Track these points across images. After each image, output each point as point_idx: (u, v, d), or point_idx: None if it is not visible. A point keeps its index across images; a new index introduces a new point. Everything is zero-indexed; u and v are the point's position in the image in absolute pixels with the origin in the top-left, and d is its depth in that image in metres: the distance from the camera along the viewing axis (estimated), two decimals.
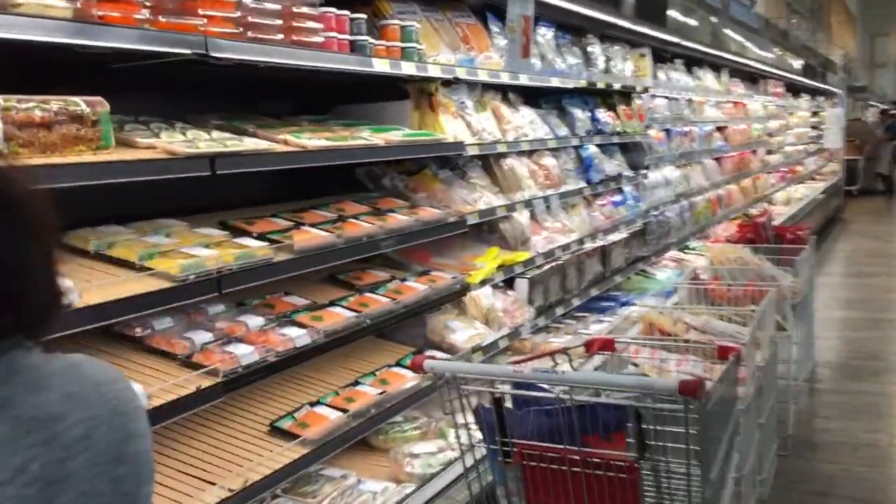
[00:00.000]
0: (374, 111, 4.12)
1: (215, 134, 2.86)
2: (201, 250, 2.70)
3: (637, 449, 2.50)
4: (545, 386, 2.58)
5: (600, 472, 2.57)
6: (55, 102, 2.27)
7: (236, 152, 2.67)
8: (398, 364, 3.71)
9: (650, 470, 2.62)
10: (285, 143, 3.09)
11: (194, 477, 2.78)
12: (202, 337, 2.87)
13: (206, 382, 2.62)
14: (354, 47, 3.34)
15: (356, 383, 3.48)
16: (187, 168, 2.51)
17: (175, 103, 3.45)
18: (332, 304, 3.42)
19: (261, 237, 3.08)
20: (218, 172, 2.60)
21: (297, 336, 3.01)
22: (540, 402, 2.62)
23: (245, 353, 2.78)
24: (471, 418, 2.72)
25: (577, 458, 2.57)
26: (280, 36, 2.91)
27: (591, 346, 3.51)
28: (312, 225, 3.31)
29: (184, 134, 2.77)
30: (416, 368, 2.62)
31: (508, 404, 2.71)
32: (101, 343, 2.78)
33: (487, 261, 4.35)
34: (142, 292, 2.40)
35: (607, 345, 3.53)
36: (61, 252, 1.32)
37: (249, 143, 2.78)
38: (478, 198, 4.30)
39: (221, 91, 3.75)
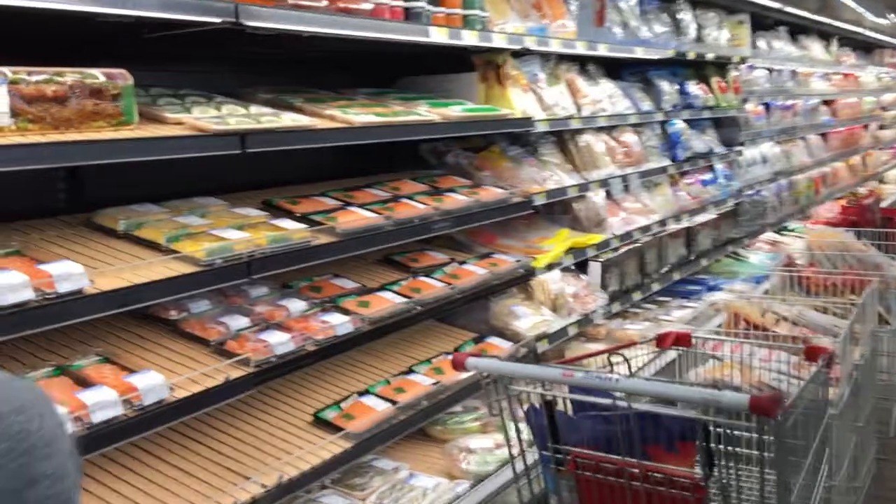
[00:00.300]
0: (439, 84, 3.89)
1: (254, 109, 2.70)
2: (233, 233, 2.54)
3: (705, 466, 2.22)
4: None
5: (662, 488, 2.30)
6: (70, 75, 2.13)
7: (269, 129, 2.49)
8: (456, 352, 3.50)
9: (719, 490, 2.34)
10: (332, 118, 2.90)
11: (229, 470, 2.64)
12: (238, 322, 2.73)
13: (236, 373, 2.47)
14: (409, 15, 3.11)
15: (409, 371, 3.29)
16: (214, 146, 2.35)
17: (238, 76, 3.31)
18: (382, 288, 3.23)
19: (303, 218, 2.91)
20: (249, 150, 2.42)
21: (339, 323, 2.83)
22: (596, 407, 2.36)
23: (280, 342, 2.62)
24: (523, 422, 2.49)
25: (636, 471, 2.31)
26: (325, 3, 2.71)
27: (663, 341, 3.21)
28: (362, 205, 3.12)
29: (218, 109, 2.61)
30: (458, 367, 2.40)
31: (562, 406, 2.47)
32: (134, 325, 2.67)
33: (556, 243, 4.09)
34: (161, 278, 2.26)
35: (682, 339, 3.22)
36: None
37: (286, 119, 2.60)
38: (548, 177, 4.03)
39: (287, 65, 3.60)
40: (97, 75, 2.20)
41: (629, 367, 2.57)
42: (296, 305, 2.93)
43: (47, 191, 2.83)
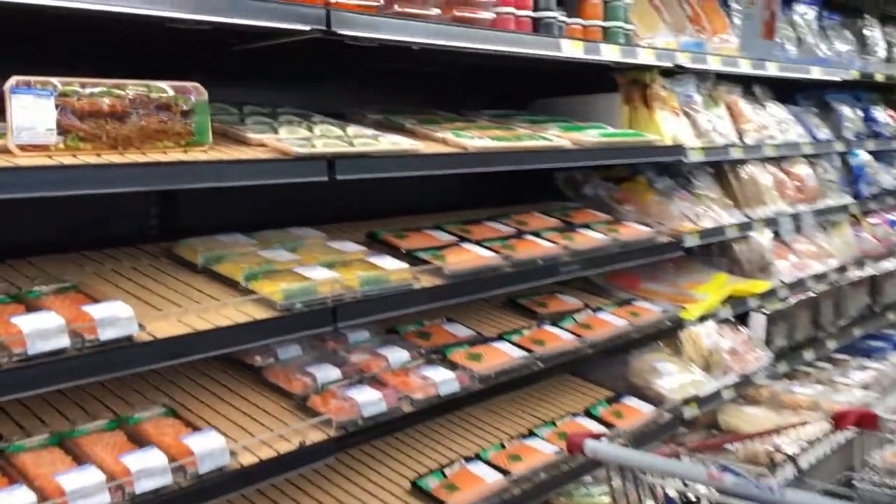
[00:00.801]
0: (577, 106, 3.46)
1: (352, 130, 2.37)
2: (320, 272, 2.21)
3: None
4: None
5: None
6: (132, 87, 1.87)
7: (361, 153, 2.15)
8: (587, 414, 3.02)
9: None
10: (443, 142, 2.54)
11: None
12: (328, 373, 2.39)
13: (315, 435, 2.12)
14: (538, 26, 2.71)
15: (529, 434, 2.84)
16: (297, 171, 2.03)
17: (356, 95, 3.02)
18: (499, 338, 2.81)
19: (408, 255, 2.54)
20: (338, 177, 2.09)
21: (442, 381, 2.43)
22: None
23: (370, 401, 2.25)
24: None
25: None
26: (436, 11, 2.35)
27: (841, 421, 2.61)
28: (479, 242, 2.73)
29: (310, 129, 2.30)
30: (574, 450, 1.95)
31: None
32: (214, 369, 2.39)
33: (711, 290, 3.53)
34: (228, 324, 1.95)
35: (866, 420, 2.60)
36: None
37: (385, 143, 2.25)
38: (702, 213, 3.50)
39: (415, 83, 3.29)
40: (165, 89, 1.93)
41: (797, 468, 2.03)
42: (397, 355, 2.56)
43: (140, 215, 2.62)
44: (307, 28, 2.03)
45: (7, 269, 2.14)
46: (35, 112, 1.72)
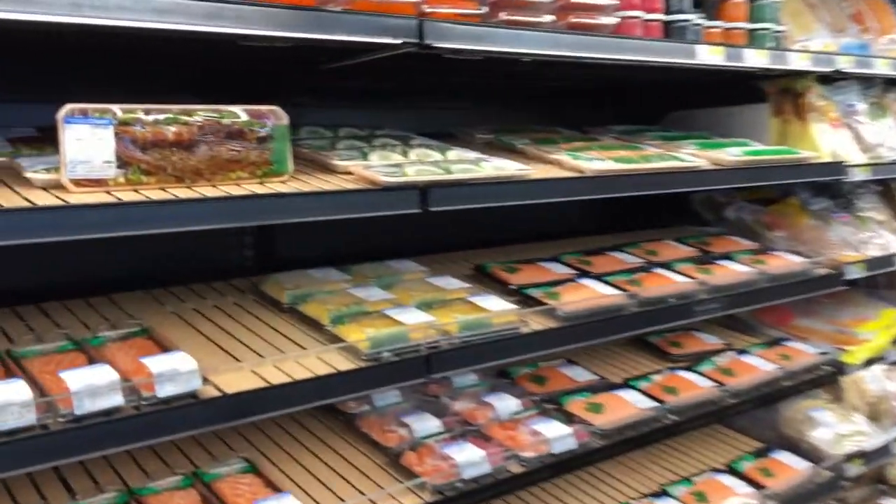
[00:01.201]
0: (718, 119, 3.07)
1: (453, 154, 2.11)
2: (415, 314, 1.96)
3: None
4: None
5: None
6: (201, 113, 1.68)
7: (458, 181, 1.88)
8: (730, 470, 2.63)
9: None
10: (558, 164, 2.24)
11: None
12: (427, 424, 2.14)
13: (407, 500, 1.87)
14: (670, 31, 2.37)
15: (661, 494, 2.49)
16: (384, 203, 1.79)
17: (476, 114, 2.78)
18: (625, 384, 2.48)
19: (518, 292, 2.26)
20: (432, 209, 1.83)
21: (556, 437, 2.13)
22: None
23: (471, 461, 1.98)
24: None
25: None
26: (547, 18, 2.07)
27: None
28: (600, 276, 2.41)
29: (405, 154, 2.05)
30: None
31: None
32: (305, 414, 2.19)
33: (879, 329, 3.06)
34: (306, 377, 1.73)
35: None
36: None
37: (488, 168, 1.98)
38: (868, 239, 3.03)
39: (534, 99, 3.01)
40: (238, 113, 1.73)
41: None
42: (506, 404, 2.28)
43: (235, 247, 2.46)
44: (397, 41, 1.79)
45: (84, 307, 2.01)
46: (92, 143, 1.56)
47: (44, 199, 1.50)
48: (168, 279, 2.23)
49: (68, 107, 1.55)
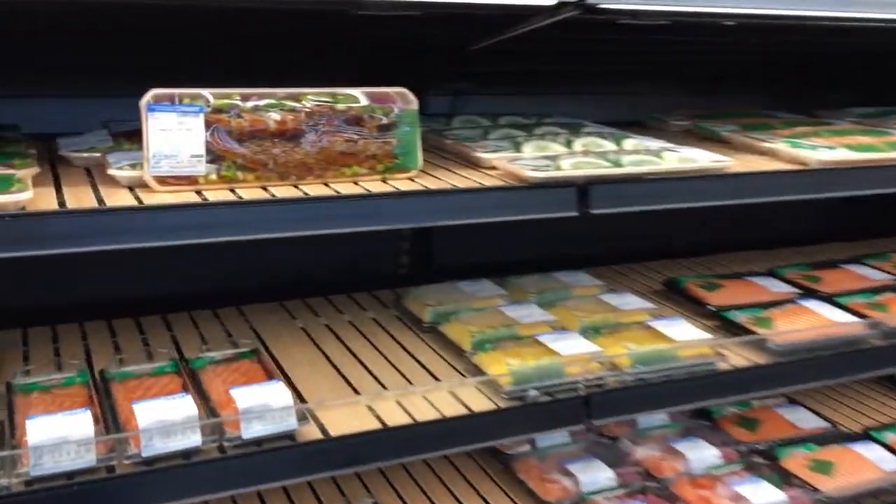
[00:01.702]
0: None
1: (631, 143, 1.70)
2: (573, 341, 1.58)
3: None
4: None
5: None
6: (311, 98, 1.40)
7: (626, 176, 1.47)
8: None
9: None
10: (772, 155, 1.76)
11: None
12: (596, 476, 1.75)
13: None
14: None
15: None
16: (531, 204, 1.42)
17: (675, 98, 2.35)
18: (864, 435, 1.95)
19: (718, 315, 1.81)
20: (592, 211, 1.44)
21: None
22: None
23: None
24: None
25: None
26: None
27: None
28: (830, 297, 1.89)
29: (568, 144, 1.67)
30: None
31: None
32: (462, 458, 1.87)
33: None
34: (430, 418, 1.40)
35: None
36: None
37: (672, 160, 1.55)
38: None
39: (750, 79, 2.51)
40: (355, 97, 1.44)
41: None
42: (702, 454, 1.84)
43: (390, 252, 2.19)
44: (552, 2, 1.42)
45: (209, 319, 1.81)
46: (179, 134, 1.33)
47: (121, 199, 1.28)
48: (312, 288, 2.00)
49: (152, 92, 1.32)
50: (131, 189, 1.34)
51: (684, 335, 1.63)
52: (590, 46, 2.00)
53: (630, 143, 1.69)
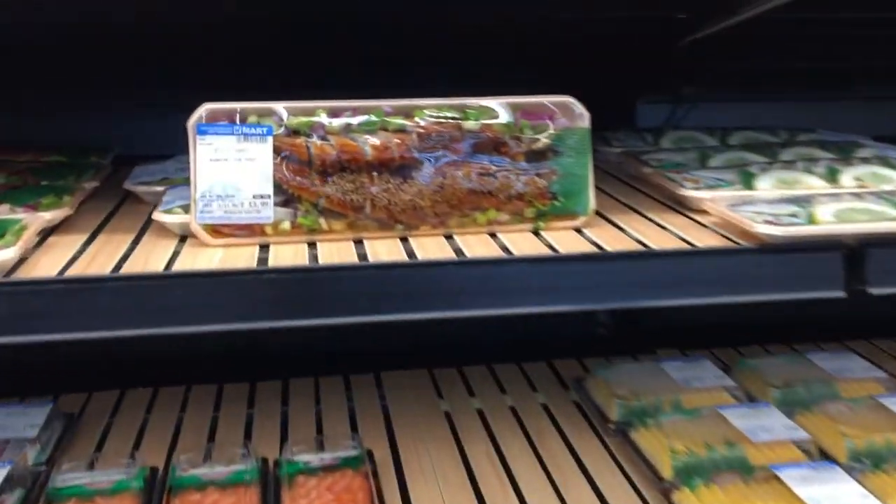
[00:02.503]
0: None
1: None
2: (840, 488, 1.01)
3: None
4: None
5: None
6: (428, 113, 0.97)
7: None
8: None
9: None
10: None
11: None
12: None
13: None
14: None
15: None
16: (762, 279, 0.89)
17: None
18: None
19: None
20: (872, 291, 0.88)
21: None
22: None
23: None
24: None
25: None
26: None
27: None
28: None
29: (832, 176, 1.10)
30: None
31: None
32: None
33: None
34: None
35: None
36: None
37: None
38: None
39: None
40: (494, 110, 0.98)
41: None
42: None
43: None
44: None
45: (332, 391, 1.43)
46: (239, 166, 0.95)
47: (155, 256, 0.91)
48: (471, 352, 1.56)
49: (206, 107, 0.95)
50: (183, 239, 0.98)
51: None
52: (864, 31, 1.40)
53: None
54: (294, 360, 1.49)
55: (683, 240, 0.94)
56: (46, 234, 1.00)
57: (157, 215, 1.00)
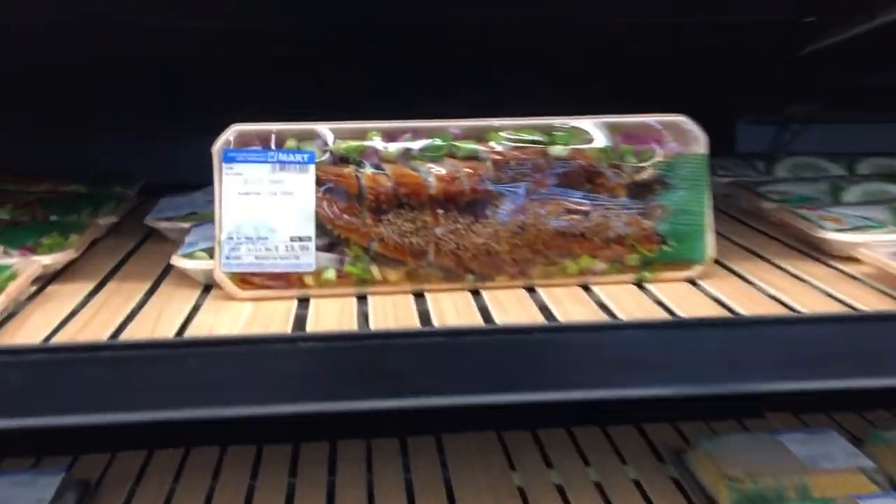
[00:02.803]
0: None
1: None
2: None
3: None
4: None
5: None
6: (506, 136, 0.78)
7: None
8: None
9: None
10: None
11: None
12: None
13: None
14: None
15: None
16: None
17: None
18: None
19: None
20: None
21: None
22: None
23: None
24: None
25: None
26: None
27: None
28: None
29: None
30: None
31: None
32: None
33: None
34: None
35: None
36: None
37: None
38: None
39: None
40: (587, 132, 0.79)
41: None
42: None
43: None
44: None
45: (387, 456, 1.24)
46: (273, 201, 0.77)
47: (169, 315, 0.74)
48: (563, 417, 1.36)
49: (234, 129, 0.78)
50: (207, 289, 0.81)
51: None
52: None
53: None
54: (342, 418, 1.31)
55: (837, 299, 0.73)
56: (47, 281, 0.84)
57: (176, 260, 0.83)
